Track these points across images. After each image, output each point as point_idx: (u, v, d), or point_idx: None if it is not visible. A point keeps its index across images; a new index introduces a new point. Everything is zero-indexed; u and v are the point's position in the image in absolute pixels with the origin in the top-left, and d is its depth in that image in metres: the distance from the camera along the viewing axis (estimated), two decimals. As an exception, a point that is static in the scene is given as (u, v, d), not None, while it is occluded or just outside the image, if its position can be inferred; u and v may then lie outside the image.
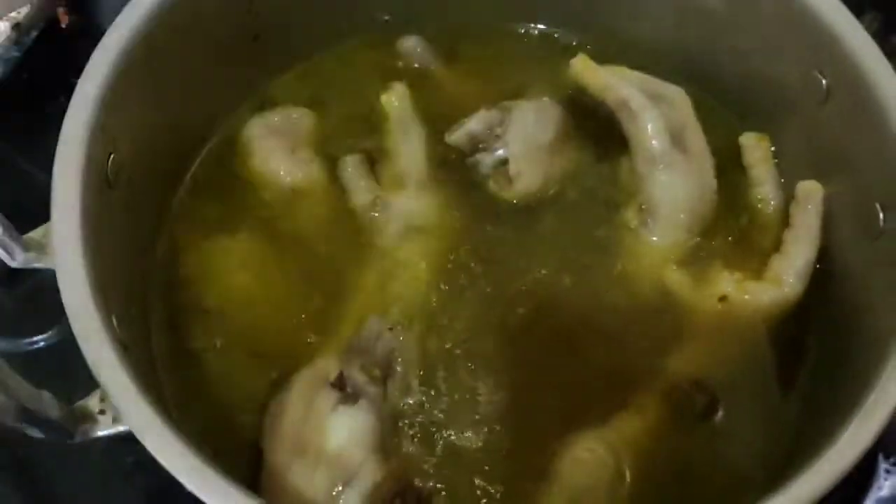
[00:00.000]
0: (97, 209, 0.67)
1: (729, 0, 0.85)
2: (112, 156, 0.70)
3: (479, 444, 0.73)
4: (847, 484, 0.60)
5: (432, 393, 0.75)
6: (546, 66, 0.94)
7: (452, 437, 0.73)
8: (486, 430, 0.74)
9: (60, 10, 1.02)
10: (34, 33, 0.97)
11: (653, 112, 0.82)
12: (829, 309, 0.80)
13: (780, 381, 0.78)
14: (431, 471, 0.72)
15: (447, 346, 0.77)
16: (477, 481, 0.71)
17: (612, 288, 0.81)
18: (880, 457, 0.80)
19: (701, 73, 0.92)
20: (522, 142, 0.83)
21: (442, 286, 0.80)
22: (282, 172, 0.85)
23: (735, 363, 0.78)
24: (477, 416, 0.74)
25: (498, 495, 0.71)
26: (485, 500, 0.71)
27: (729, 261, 0.82)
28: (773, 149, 0.88)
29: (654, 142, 0.81)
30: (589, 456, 0.71)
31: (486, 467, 0.72)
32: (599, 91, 0.85)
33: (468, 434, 0.73)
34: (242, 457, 0.70)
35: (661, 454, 0.74)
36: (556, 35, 0.97)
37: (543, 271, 0.81)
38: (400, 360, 0.75)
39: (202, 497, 0.55)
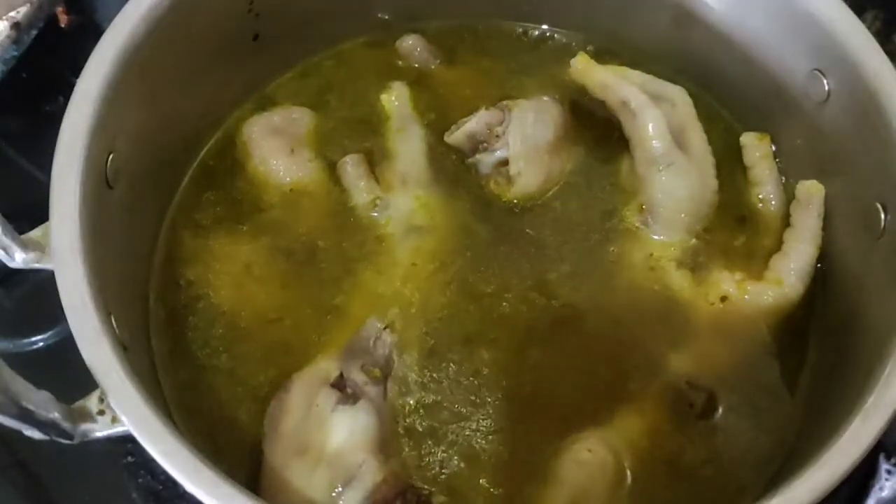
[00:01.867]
0: (96, 209, 0.66)
1: (728, 0, 0.85)
2: (111, 155, 0.70)
3: (480, 444, 0.73)
4: (848, 484, 0.60)
5: (432, 393, 0.75)
6: (546, 66, 0.94)
7: (453, 438, 0.73)
8: (486, 430, 0.73)
9: (59, 10, 1.01)
10: (33, 32, 0.97)
11: (653, 112, 0.81)
12: (829, 309, 0.80)
13: (780, 381, 0.78)
14: (432, 471, 0.72)
15: (447, 346, 0.77)
16: (478, 481, 0.71)
17: (612, 288, 0.81)
18: (881, 457, 0.80)
19: (701, 73, 0.92)
20: (522, 142, 0.83)
21: (442, 286, 0.80)
22: (281, 172, 0.85)
23: (735, 363, 0.78)
24: (477, 417, 0.74)
25: (499, 495, 0.71)
26: (485, 501, 0.71)
27: (729, 261, 0.82)
28: (773, 148, 0.87)
29: (654, 142, 0.81)
30: (590, 456, 0.71)
31: (487, 467, 0.72)
32: (600, 91, 0.85)
33: (469, 434, 0.73)
34: (242, 457, 0.70)
35: (662, 454, 0.74)
36: (556, 35, 0.97)
37: (543, 271, 0.81)
38: (398, 360, 0.75)
39: (201, 497, 0.55)
